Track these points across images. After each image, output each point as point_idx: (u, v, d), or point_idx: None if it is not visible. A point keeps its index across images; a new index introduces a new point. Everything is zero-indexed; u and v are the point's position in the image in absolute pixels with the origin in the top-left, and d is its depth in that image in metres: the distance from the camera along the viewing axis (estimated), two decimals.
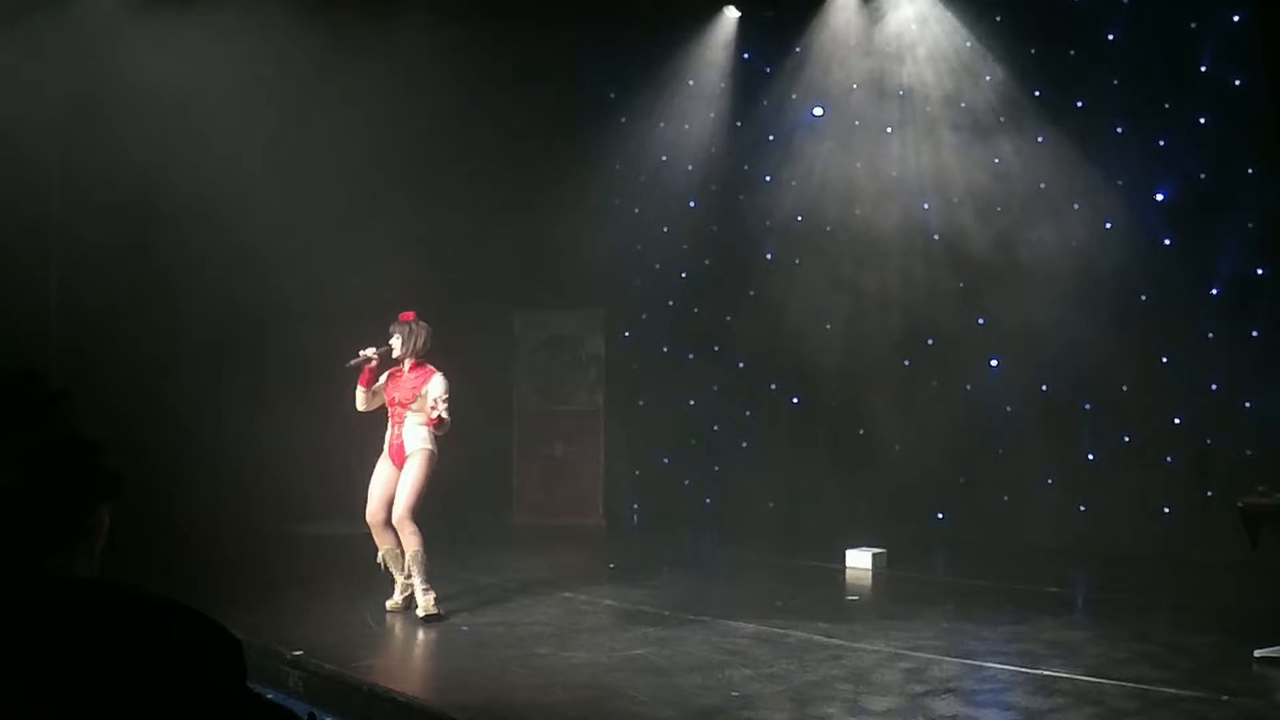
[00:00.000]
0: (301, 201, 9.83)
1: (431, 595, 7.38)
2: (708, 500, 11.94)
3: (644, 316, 12.37)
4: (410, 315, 7.41)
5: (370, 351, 7.27)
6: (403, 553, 7.38)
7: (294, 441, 10.16)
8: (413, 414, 7.30)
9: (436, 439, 7.31)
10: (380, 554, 7.48)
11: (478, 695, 5.73)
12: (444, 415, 7.11)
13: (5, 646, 1.53)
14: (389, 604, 7.52)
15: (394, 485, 7.31)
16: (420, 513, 7.32)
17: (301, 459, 10.22)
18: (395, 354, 7.33)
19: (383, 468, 7.42)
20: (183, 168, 9.20)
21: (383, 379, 7.41)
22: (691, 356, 12.15)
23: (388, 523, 7.34)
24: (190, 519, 9.16)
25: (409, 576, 7.43)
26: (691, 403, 12.15)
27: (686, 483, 12.05)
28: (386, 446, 7.42)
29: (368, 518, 7.43)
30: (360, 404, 7.45)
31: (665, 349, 12.29)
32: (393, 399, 7.37)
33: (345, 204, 10.45)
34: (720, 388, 12.00)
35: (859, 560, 9.27)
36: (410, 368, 7.34)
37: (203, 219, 9.59)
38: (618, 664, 6.23)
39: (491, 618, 7.42)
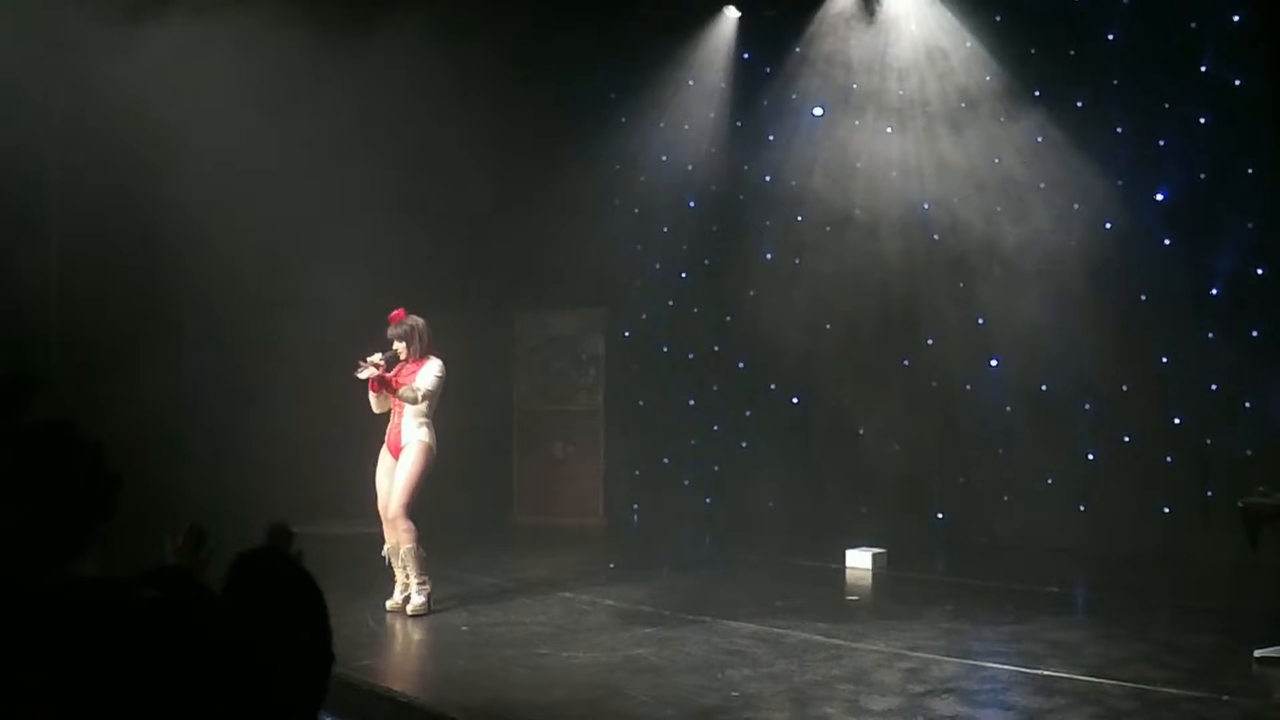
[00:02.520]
0: (301, 199, 9.84)
1: (424, 594, 7.41)
2: (708, 500, 11.94)
3: (644, 316, 12.37)
4: (401, 314, 7.43)
5: (376, 358, 7.29)
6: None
7: (294, 441, 10.16)
8: (409, 405, 7.33)
9: (434, 432, 7.34)
10: (386, 548, 7.49)
11: (478, 695, 5.73)
12: (411, 387, 7.14)
13: (25, 645, 1.53)
14: (389, 604, 7.52)
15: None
16: (416, 509, 7.33)
17: (302, 459, 10.22)
18: (403, 357, 7.39)
19: (384, 460, 7.45)
20: (181, 168, 9.18)
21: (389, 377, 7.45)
22: (691, 356, 12.15)
23: None
24: (189, 519, 9.14)
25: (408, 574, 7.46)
26: (691, 403, 12.15)
27: (686, 483, 12.04)
28: (386, 437, 7.46)
29: (379, 510, 7.46)
30: (375, 407, 7.49)
31: (665, 349, 12.28)
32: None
33: (345, 203, 10.45)
34: (720, 388, 12.00)
35: (859, 560, 9.26)
36: (413, 362, 7.40)
37: (202, 216, 9.58)
38: (618, 664, 6.23)
39: (491, 618, 7.42)
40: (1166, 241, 9.46)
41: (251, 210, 9.49)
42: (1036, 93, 9.94)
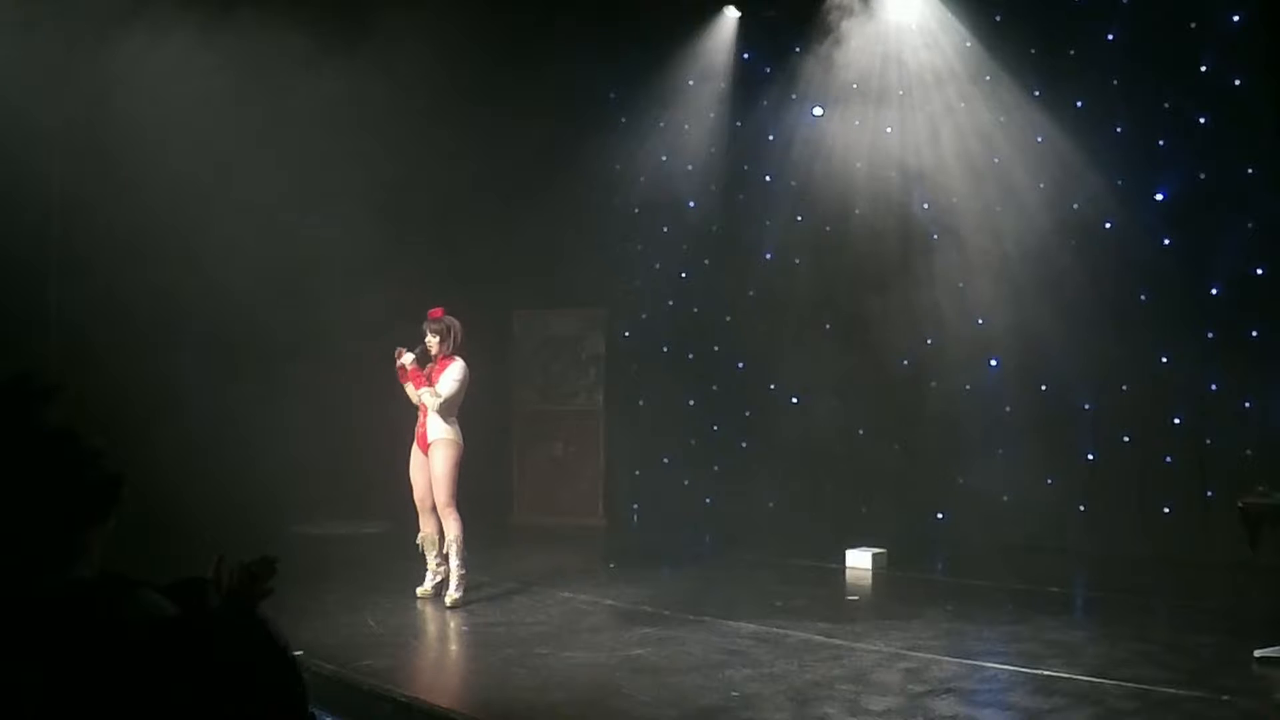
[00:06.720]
0: (302, 202, 9.83)
1: (461, 588, 7.68)
2: (708, 500, 11.93)
3: (644, 316, 12.36)
4: (439, 312, 7.74)
5: (408, 359, 7.62)
6: (442, 539, 7.72)
7: (295, 441, 10.15)
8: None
9: (458, 428, 7.66)
10: (419, 537, 7.83)
11: (478, 695, 5.74)
12: (434, 391, 7.49)
13: (26, 645, 1.53)
14: (419, 590, 7.83)
15: (429, 471, 7.66)
16: (459, 499, 7.64)
17: (302, 458, 10.21)
18: (434, 352, 7.65)
19: (415, 456, 7.78)
20: (180, 170, 9.19)
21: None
22: (691, 356, 12.15)
23: (434, 508, 7.69)
24: (190, 519, 9.14)
25: (441, 564, 7.77)
26: (691, 403, 12.15)
27: (686, 483, 12.03)
28: (415, 436, 7.75)
29: (415, 502, 7.80)
30: (412, 399, 7.77)
31: (665, 349, 12.28)
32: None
33: (345, 204, 10.44)
34: (720, 388, 12.00)
35: (859, 560, 9.27)
36: (440, 362, 7.66)
37: (202, 220, 9.58)
38: (618, 664, 6.23)
39: (491, 618, 7.43)
40: (1166, 241, 9.46)
41: (249, 209, 9.48)
42: (1036, 92, 9.94)
